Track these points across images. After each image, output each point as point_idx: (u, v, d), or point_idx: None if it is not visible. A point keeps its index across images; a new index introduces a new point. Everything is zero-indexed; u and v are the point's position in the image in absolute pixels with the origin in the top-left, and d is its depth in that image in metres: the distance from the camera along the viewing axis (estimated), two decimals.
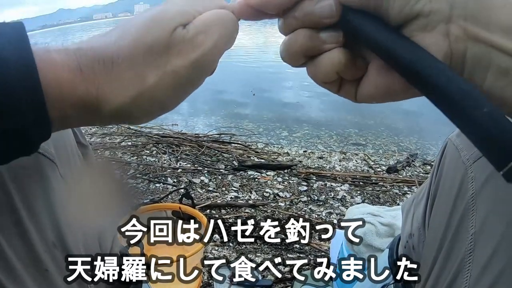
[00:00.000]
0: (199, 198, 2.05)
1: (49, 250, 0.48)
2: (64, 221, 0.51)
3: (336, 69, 0.35)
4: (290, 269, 1.50)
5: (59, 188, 0.52)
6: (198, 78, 0.36)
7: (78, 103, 0.33)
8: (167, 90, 0.35)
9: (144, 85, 0.33)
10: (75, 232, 0.54)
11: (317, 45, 0.35)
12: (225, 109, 4.64)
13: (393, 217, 1.15)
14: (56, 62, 0.32)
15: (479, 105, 0.28)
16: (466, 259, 0.47)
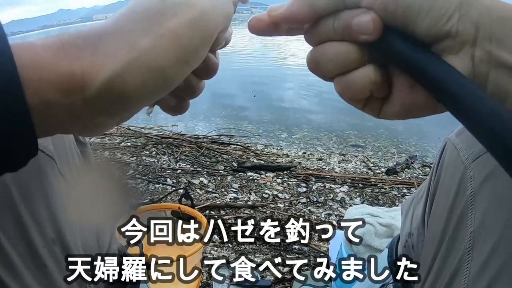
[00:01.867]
0: (198, 199, 2.05)
1: (47, 245, 0.48)
2: (63, 217, 0.51)
3: (369, 87, 0.34)
4: (289, 269, 1.50)
5: (58, 185, 0.52)
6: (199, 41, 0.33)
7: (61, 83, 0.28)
8: (166, 52, 0.31)
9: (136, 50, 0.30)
10: (74, 229, 0.54)
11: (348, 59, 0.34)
12: (224, 111, 4.64)
13: (392, 217, 1.16)
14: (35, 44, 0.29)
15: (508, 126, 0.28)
16: (465, 257, 0.48)
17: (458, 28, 0.31)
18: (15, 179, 0.46)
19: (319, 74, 0.36)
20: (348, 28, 0.33)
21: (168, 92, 0.33)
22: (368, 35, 0.32)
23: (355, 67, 0.34)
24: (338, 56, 0.34)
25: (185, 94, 0.41)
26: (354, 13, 0.32)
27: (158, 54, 0.30)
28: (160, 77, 0.31)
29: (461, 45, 0.31)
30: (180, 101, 0.41)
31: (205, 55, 0.34)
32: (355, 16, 0.32)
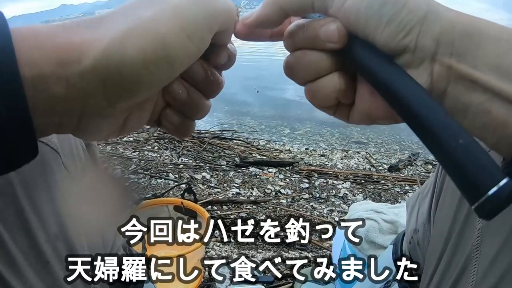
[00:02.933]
0: (201, 194, 2.05)
1: (50, 241, 0.48)
2: (66, 212, 0.50)
3: (335, 94, 0.35)
4: (291, 266, 1.50)
5: (62, 179, 0.51)
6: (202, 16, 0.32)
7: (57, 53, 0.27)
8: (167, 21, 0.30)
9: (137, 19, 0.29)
10: (77, 224, 0.53)
11: (316, 67, 0.35)
12: (227, 106, 4.63)
13: (396, 214, 1.15)
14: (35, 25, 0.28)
15: (455, 136, 0.28)
16: (473, 254, 0.47)
17: (418, 43, 0.31)
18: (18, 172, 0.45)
19: (294, 79, 0.37)
20: (316, 37, 0.34)
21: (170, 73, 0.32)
22: (334, 43, 0.33)
23: (324, 74, 0.35)
24: (308, 63, 0.35)
25: (190, 113, 0.39)
26: (322, 22, 0.33)
27: (159, 22, 0.30)
28: (160, 44, 0.30)
29: (421, 60, 0.32)
30: (185, 120, 0.39)
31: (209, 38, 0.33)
32: (322, 25, 0.33)
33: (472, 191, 0.27)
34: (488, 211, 0.26)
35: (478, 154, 0.27)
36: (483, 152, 0.27)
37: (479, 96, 0.30)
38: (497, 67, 0.30)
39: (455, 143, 0.27)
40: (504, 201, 0.25)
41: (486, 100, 0.30)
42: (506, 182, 0.25)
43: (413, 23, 0.31)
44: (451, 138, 0.28)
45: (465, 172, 0.27)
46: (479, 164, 0.26)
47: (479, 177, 0.26)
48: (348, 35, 0.33)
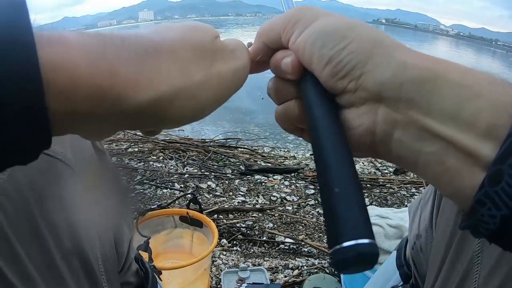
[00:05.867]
0: (206, 203, 2.05)
1: (65, 257, 0.48)
2: (81, 228, 0.50)
3: (291, 120, 0.37)
4: (299, 272, 1.50)
5: (76, 195, 0.52)
6: (235, 87, 0.36)
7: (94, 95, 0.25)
8: (210, 91, 0.33)
9: (190, 80, 0.31)
10: (92, 239, 0.53)
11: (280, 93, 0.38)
12: (231, 114, 4.64)
13: (401, 218, 1.15)
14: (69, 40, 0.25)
15: (336, 182, 0.28)
16: (475, 259, 0.47)
17: (359, 85, 0.31)
18: (32, 187, 0.46)
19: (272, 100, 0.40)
20: (279, 67, 0.36)
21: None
22: (290, 74, 0.35)
23: (286, 100, 0.38)
24: (276, 89, 0.38)
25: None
26: (284, 54, 0.36)
27: (205, 90, 0.32)
28: (199, 111, 0.33)
29: (363, 100, 0.31)
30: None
31: None
32: (283, 57, 0.36)
33: (331, 237, 0.27)
34: (337, 261, 0.26)
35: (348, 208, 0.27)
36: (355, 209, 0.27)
37: (431, 145, 0.29)
38: (454, 115, 0.28)
39: (331, 190, 0.28)
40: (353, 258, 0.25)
41: (439, 149, 0.28)
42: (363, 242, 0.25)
43: (353, 64, 0.31)
44: (331, 183, 0.28)
45: (332, 218, 0.27)
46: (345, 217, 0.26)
47: (340, 227, 0.26)
48: (302, 68, 0.35)
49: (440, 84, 0.29)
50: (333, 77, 0.32)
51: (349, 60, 0.31)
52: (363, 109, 0.31)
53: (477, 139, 0.27)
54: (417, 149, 0.29)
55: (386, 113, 0.30)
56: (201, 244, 1.39)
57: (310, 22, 0.34)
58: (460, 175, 0.28)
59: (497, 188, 0.25)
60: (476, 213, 0.27)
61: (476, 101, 0.28)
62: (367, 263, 0.25)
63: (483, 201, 0.26)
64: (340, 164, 0.29)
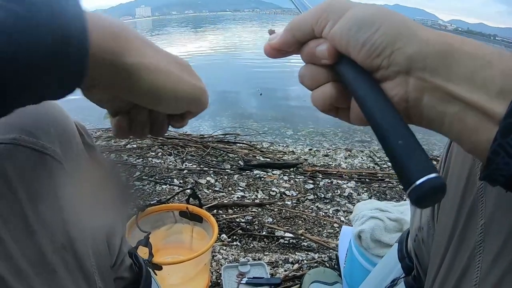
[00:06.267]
0: (206, 198, 2.05)
1: (57, 251, 0.48)
2: (73, 222, 0.51)
3: (328, 100, 0.42)
4: (299, 266, 1.50)
5: (67, 189, 0.52)
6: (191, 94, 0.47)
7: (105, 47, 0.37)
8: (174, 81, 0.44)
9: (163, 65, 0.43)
10: (84, 234, 0.54)
11: (315, 79, 0.42)
12: (229, 109, 4.64)
13: (401, 212, 1.15)
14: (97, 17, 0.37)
15: (397, 137, 0.34)
16: (477, 250, 0.47)
17: (391, 61, 0.36)
18: (23, 183, 0.46)
19: (305, 86, 0.44)
20: (313, 54, 0.41)
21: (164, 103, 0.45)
22: (326, 59, 0.40)
23: (322, 83, 0.42)
24: (310, 74, 0.43)
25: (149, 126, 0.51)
26: (317, 42, 0.41)
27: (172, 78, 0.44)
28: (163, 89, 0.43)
29: (395, 74, 0.37)
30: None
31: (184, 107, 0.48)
32: (317, 45, 0.41)
33: (404, 180, 0.32)
34: (416, 198, 0.31)
35: (413, 154, 0.33)
36: (418, 153, 0.33)
37: (453, 106, 0.34)
38: (470, 80, 0.33)
39: (395, 143, 0.34)
40: (428, 191, 0.31)
41: (460, 110, 0.34)
42: (432, 177, 0.31)
43: (384, 45, 0.36)
44: (393, 138, 0.34)
45: (401, 165, 0.33)
46: (413, 161, 0.32)
47: (410, 170, 0.32)
48: (337, 53, 0.40)
49: (457, 55, 0.34)
50: (369, 57, 0.37)
51: (381, 41, 0.36)
52: (396, 81, 0.37)
53: (490, 100, 0.32)
54: (442, 110, 0.35)
55: (415, 82, 0.36)
56: (201, 239, 1.39)
57: (342, 12, 0.39)
58: (478, 131, 0.33)
59: (508, 139, 0.31)
60: (492, 163, 0.32)
61: (488, 69, 0.33)
62: (439, 192, 0.31)
63: (498, 151, 0.32)
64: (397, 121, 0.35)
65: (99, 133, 3.17)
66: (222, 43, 14.89)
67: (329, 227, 1.84)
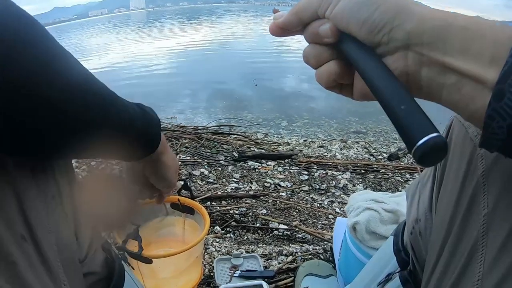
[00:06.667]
0: (200, 190, 2.02)
1: (17, 242, 0.47)
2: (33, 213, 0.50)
3: (333, 77, 0.45)
4: (293, 259, 1.48)
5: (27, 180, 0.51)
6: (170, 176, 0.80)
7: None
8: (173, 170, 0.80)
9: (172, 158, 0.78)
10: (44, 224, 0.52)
11: (319, 57, 0.45)
12: (223, 101, 4.60)
13: (397, 203, 1.12)
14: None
15: (400, 103, 0.36)
16: (479, 242, 0.44)
17: (390, 37, 0.39)
18: None
19: (308, 65, 0.47)
20: (317, 34, 0.44)
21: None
22: (328, 38, 0.44)
23: (325, 61, 0.45)
24: (314, 54, 0.46)
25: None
26: (320, 22, 0.44)
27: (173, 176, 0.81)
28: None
29: (395, 49, 0.39)
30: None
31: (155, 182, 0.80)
32: (320, 25, 0.44)
33: (408, 141, 0.34)
34: (419, 156, 0.33)
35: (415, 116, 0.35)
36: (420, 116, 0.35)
37: (450, 77, 0.37)
38: (464, 52, 0.36)
39: (398, 108, 0.36)
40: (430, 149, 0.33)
41: (456, 80, 0.36)
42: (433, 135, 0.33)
43: (384, 22, 0.39)
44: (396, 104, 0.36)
45: (404, 128, 0.35)
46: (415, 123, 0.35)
47: (413, 131, 0.34)
48: (339, 32, 0.43)
49: (452, 30, 0.37)
50: (370, 33, 0.40)
51: (381, 19, 0.39)
52: (396, 56, 0.40)
53: (483, 68, 0.34)
54: (440, 82, 0.38)
55: (413, 56, 0.39)
56: (193, 231, 1.37)
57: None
58: (474, 99, 0.35)
59: (501, 103, 0.32)
60: (488, 128, 0.34)
61: (481, 40, 0.35)
62: (442, 150, 0.33)
63: (492, 116, 0.33)
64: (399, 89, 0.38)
65: None
66: (216, 35, 14.79)
67: (324, 219, 1.82)
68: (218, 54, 9.34)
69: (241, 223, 1.75)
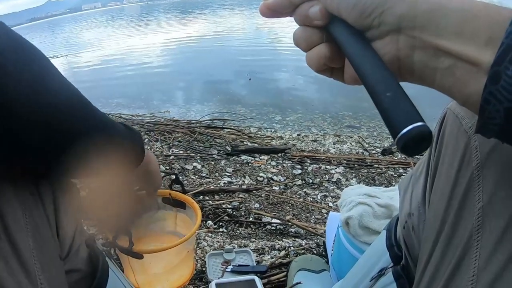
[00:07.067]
0: (192, 184, 2.01)
1: None
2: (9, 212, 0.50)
3: (323, 60, 0.44)
4: (285, 253, 1.47)
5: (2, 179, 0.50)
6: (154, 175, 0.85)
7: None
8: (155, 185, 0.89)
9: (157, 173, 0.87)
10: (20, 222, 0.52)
11: (309, 40, 0.45)
12: (217, 95, 4.58)
13: (390, 198, 1.12)
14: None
15: (385, 90, 0.36)
16: (474, 236, 0.43)
17: (381, 20, 0.38)
18: None
19: (298, 47, 0.46)
20: (306, 16, 0.43)
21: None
22: (318, 20, 0.43)
23: (315, 44, 0.44)
24: (304, 36, 0.45)
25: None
26: (310, 4, 0.43)
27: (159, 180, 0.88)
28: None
29: (386, 33, 0.39)
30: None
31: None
32: (310, 7, 0.43)
33: (392, 130, 0.34)
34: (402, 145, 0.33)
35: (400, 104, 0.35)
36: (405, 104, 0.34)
37: (444, 60, 0.36)
38: (458, 33, 0.35)
39: (384, 95, 0.35)
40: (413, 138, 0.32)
41: (450, 64, 0.35)
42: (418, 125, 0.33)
43: (374, 5, 0.38)
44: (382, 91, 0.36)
45: (389, 116, 0.34)
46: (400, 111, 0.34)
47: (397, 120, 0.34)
48: (329, 15, 0.42)
49: (445, 11, 0.35)
50: (360, 16, 0.39)
51: (372, 2, 0.38)
52: (387, 40, 0.39)
53: (478, 51, 0.33)
54: (434, 66, 0.37)
55: (405, 40, 0.38)
56: (185, 226, 1.35)
57: None
58: (469, 82, 0.34)
59: (498, 86, 0.31)
60: (484, 112, 0.33)
61: (475, 21, 0.34)
62: (426, 140, 0.33)
63: (488, 100, 0.32)
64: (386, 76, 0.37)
65: None
66: (210, 29, 14.73)
67: (317, 213, 1.81)
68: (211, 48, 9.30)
69: (234, 218, 1.74)
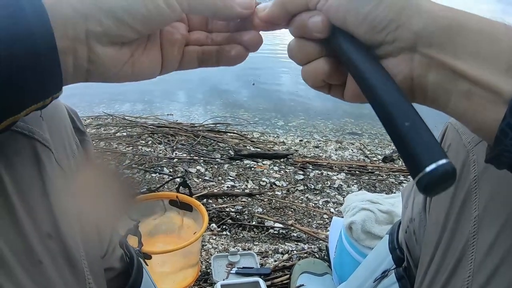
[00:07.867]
0: (196, 187, 2.04)
1: (43, 241, 0.46)
2: (60, 211, 0.49)
3: (321, 76, 0.40)
4: (288, 257, 1.50)
5: (55, 176, 0.50)
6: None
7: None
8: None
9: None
10: (72, 222, 0.52)
11: (307, 53, 0.40)
12: (220, 99, 4.62)
13: (392, 204, 1.15)
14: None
15: (404, 118, 0.31)
16: (470, 241, 0.47)
17: (396, 36, 0.34)
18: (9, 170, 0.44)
19: (293, 60, 0.42)
20: (305, 27, 0.39)
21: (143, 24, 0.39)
22: (319, 33, 0.38)
23: (313, 58, 0.40)
24: (301, 49, 0.41)
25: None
26: (310, 14, 0.38)
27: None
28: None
29: (400, 50, 0.35)
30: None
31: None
32: (310, 17, 0.38)
33: (413, 166, 0.30)
34: (425, 186, 0.29)
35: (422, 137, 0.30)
36: (427, 137, 0.30)
37: (460, 83, 0.33)
38: (477, 56, 0.32)
39: (402, 125, 0.31)
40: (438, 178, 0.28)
41: (467, 87, 0.32)
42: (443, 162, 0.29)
43: (388, 19, 0.34)
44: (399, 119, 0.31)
45: (408, 150, 0.30)
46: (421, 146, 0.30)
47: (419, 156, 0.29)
48: (331, 26, 0.38)
49: (464, 31, 0.33)
50: (371, 31, 0.35)
51: (385, 15, 0.34)
52: (400, 58, 0.35)
53: (498, 77, 0.31)
54: (449, 88, 0.34)
55: (420, 59, 0.34)
56: (191, 228, 1.39)
57: None
58: (485, 110, 0.32)
59: None
60: (500, 144, 0.31)
61: (496, 44, 0.32)
62: (450, 179, 0.29)
63: (506, 131, 0.30)
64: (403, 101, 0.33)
65: (89, 121, 3.14)
66: None
67: (318, 218, 1.84)
68: None
69: (237, 221, 1.77)
